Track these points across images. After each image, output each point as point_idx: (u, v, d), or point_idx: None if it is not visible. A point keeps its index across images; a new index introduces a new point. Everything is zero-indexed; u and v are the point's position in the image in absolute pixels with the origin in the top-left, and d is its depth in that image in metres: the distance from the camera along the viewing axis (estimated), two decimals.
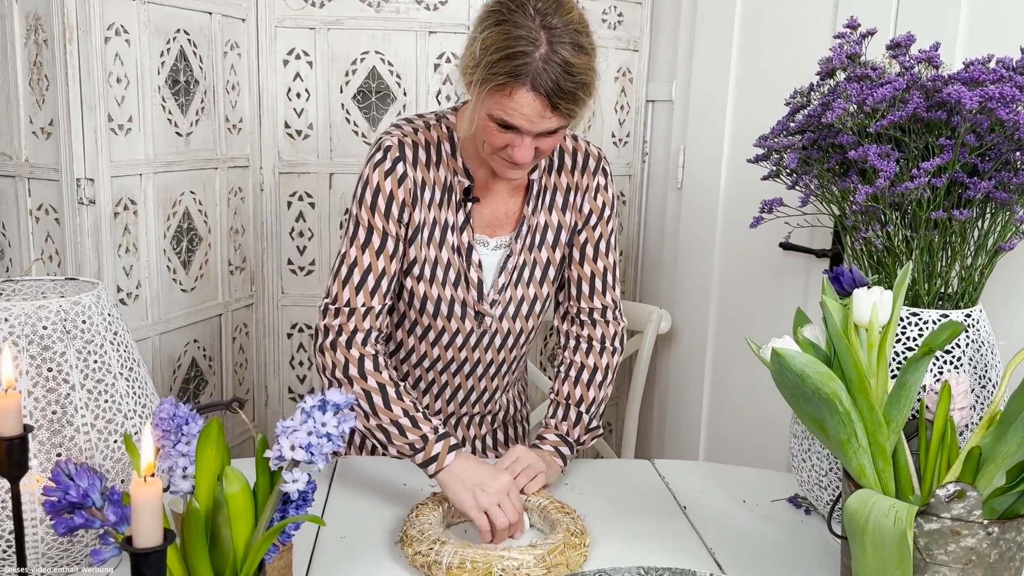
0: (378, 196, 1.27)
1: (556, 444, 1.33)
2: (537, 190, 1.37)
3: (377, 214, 1.27)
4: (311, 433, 0.77)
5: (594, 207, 1.40)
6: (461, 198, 1.32)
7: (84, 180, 1.55)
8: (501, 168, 1.25)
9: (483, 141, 1.22)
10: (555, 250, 1.39)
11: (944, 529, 0.85)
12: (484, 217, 1.35)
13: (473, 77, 1.17)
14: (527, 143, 1.18)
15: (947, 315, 1.07)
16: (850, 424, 0.89)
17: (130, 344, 1.06)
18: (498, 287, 1.37)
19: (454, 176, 1.32)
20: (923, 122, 1.07)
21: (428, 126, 1.32)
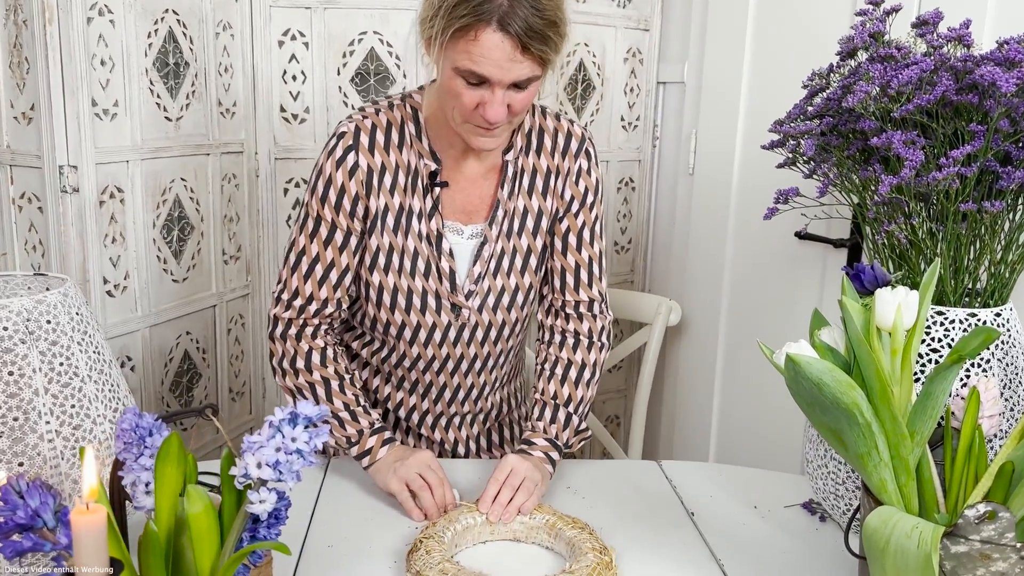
0: (329, 187, 1.22)
1: (546, 449, 1.26)
2: (513, 172, 1.27)
3: (327, 206, 1.22)
4: (279, 449, 0.71)
5: (576, 192, 1.30)
6: (427, 183, 1.24)
7: (67, 167, 1.49)
8: (473, 137, 1.16)
9: (452, 107, 1.14)
10: (536, 237, 1.30)
11: (973, 552, 0.78)
12: (456, 202, 1.27)
13: (433, 29, 1.09)
14: (499, 97, 1.10)
15: (975, 314, 1.00)
16: (871, 436, 0.82)
17: (101, 344, 1.00)
18: (473, 277, 1.28)
19: (419, 159, 1.24)
20: (952, 106, 0.99)
21: (391, 106, 1.25)
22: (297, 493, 1.23)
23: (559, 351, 1.33)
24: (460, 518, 1.12)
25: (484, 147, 1.18)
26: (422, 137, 1.23)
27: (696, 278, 2.20)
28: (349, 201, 1.21)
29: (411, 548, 1.06)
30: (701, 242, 2.17)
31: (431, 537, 1.07)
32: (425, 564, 1.01)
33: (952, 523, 0.78)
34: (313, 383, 1.24)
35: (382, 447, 1.21)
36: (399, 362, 1.34)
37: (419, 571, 1.01)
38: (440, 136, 1.24)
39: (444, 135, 1.23)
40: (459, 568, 1.00)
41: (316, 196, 1.22)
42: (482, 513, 1.13)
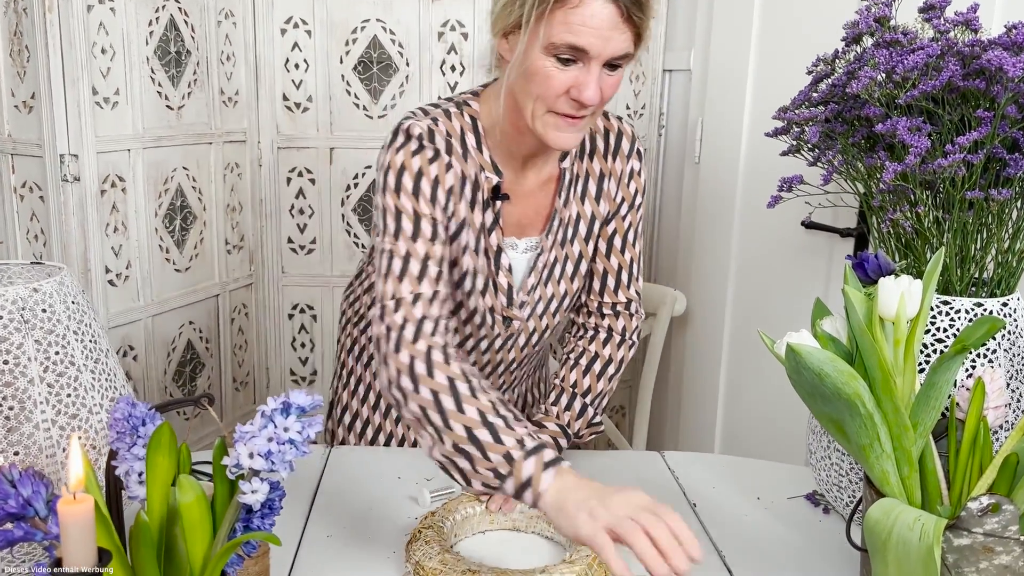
0: (421, 180, 1.09)
1: (555, 435, 1.25)
2: (569, 179, 1.22)
3: (423, 200, 1.09)
4: (272, 439, 0.70)
5: (626, 195, 1.26)
6: (489, 196, 1.17)
7: (68, 156, 1.48)
8: (554, 132, 1.08)
9: (535, 97, 1.06)
10: (587, 242, 1.26)
11: (976, 545, 0.77)
12: (512, 216, 1.21)
13: (524, 6, 1.02)
14: (595, 74, 1.03)
15: (981, 304, 0.98)
16: (873, 428, 0.81)
17: (97, 333, 0.99)
18: (527, 288, 1.24)
19: (480, 172, 1.16)
20: (959, 92, 0.97)
21: (448, 115, 1.15)
22: (297, 482, 1.23)
23: (588, 344, 1.31)
24: (459, 508, 1.11)
25: (565, 144, 1.10)
26: (482, 148, 1.17)
27: (702, 268, 2.18)
28: (444, 194, 1.11)
29: (410, 538, 1.05)
30: (707, 231, 2.15)
31: (430, 527, 1.07)
32: (424, 554, 1.01)
33: (955, 516, 0.76)
34: (437, 391, 0.98)
35: (544, 471, 0.92)
36: None
37: (418, 561, 1.00)
38: (500, 146, 1.17)
39: (504, 145, 1.17)
40: (458, 558, 1.00)
41: (406, 192, 1.09)
42: (482, 503, 1.13)
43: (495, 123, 1.16)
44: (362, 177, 1.96)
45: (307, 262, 2.00)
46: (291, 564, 1.03)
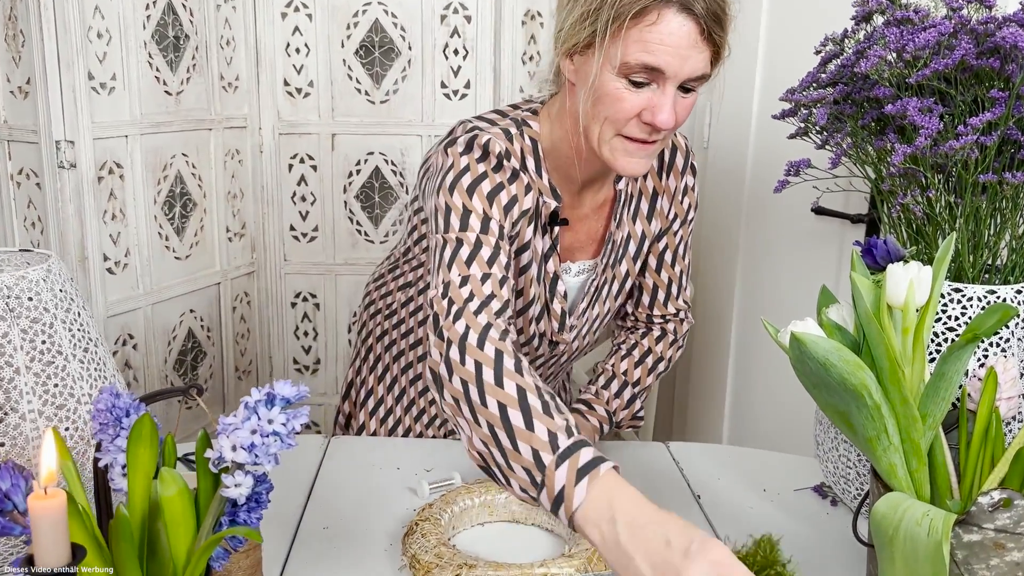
0: (500, 192, 1.03)
1: (601, 419, 1.22)
2: (623, 200, 1.18)
3: (496, 206, 1.03)
4: (255, 432, 0.68)
5: (679, 211, 1.23)
6: (547, 221, 1.12)
7: (64, 142, 1.46)
8: (623, 157, 1.02)
9: (604, 120, 1.00)
10: (635, 261, 1.23)
11: (986, 541, 0.74)
12: (565, 241, 1.18)
13: (598, 23, 0.96)
14: (670, 97, 0.97)
15: (995, 291, 0.95)
16: (880, 419, 0.78)
17: (86, 322, 0.97)
18: (578, 312, 1.21)
19: (540, 196, 1.11)
20: (972, 71, 0.93)
21: (510, 136, 1.09)
22: (294, 473, 1.21)
23: (640, 338, 1.29)
24: (458, 499, 1.09)
25: (635, 170, 1.03)
26: (542, 172, 1.11)
27: (709, 255, 2.15)
28: (519, 212, 1.06)
29: (407, 530, 1.03)
30: (715, 217, 2.12)
31: (427, 519, 1.05)
32: (420, 547, 0.99)
33: (965, 511, 0.74)
34: (482, 363, 0.87)
35: (578, 483, 0.77)
36: None
37: (414, 555, 0.98)
38: (558, 170, 1.12)
39: (563, 168, 1.12)
40: (454, 552, 0.98)
41: (479, 195, 1.03)
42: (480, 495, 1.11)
43: (555, 146, 1.10)
44: (364, 163, 1.93)
45: (309, 250, 1.98)
46: (285, 556, 1.02)
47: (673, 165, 1.21)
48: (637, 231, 1.21)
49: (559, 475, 0.78)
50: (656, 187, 1.20)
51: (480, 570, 0.93)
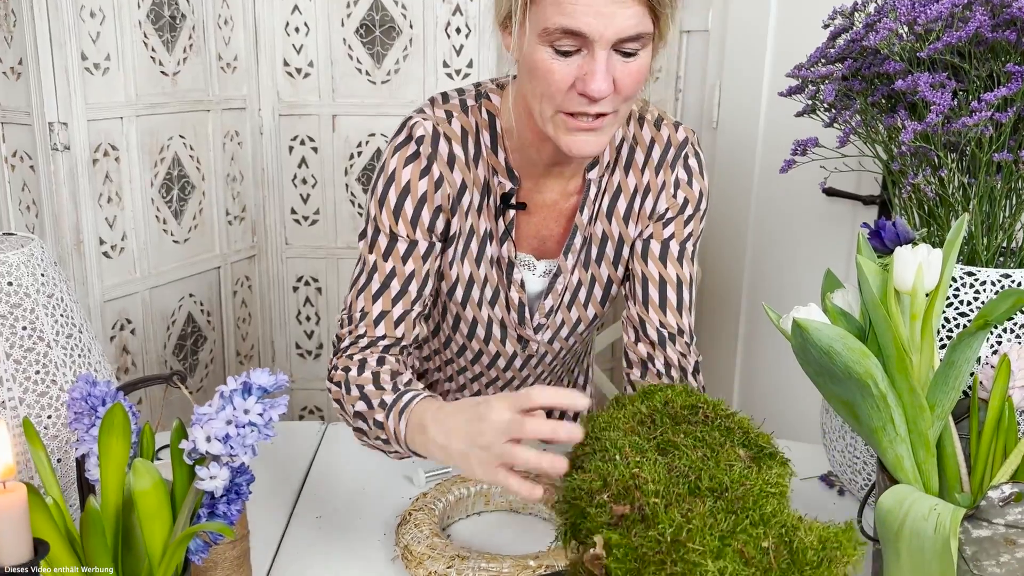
0: (406, 199, 1.02)
1: None
2: (596, 192, 1.08)
3: (402, 221, 1.03)
4: (230, 422, 0.65)
5: (672, 204, 1.09)
6: (499, 204, 1.06)
7: (57, 124, 1.44)
8: (567, 137, 0.94)
9: (540, 96, 0.93)
10: (616, 267, 1.12)
11: (996, 537, 0.71)
12: (531, 229, 1.10)
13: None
14: (601, 62, 0.88)
15: (1009, 275, 0.91)
16: (886, 409, 0.75)
17: (70, 307, 0.95)
18: (544, 310, 1.13)
19: (493, 175, 1.06)
20: (987, 44, 0.89)
21: (466, 108, 1.04)
22: (288, 461, 1.19)
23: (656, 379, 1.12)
24: (453, 488, 1.07)
25: (583, 150, 0.95)
26: (498, 150, 1.05)
27: (718, 237, 2.11)
28: (430, 214, 1.04)
29: (400, 520, 1.01)
30: (724, 199, 2.08)
31: (421, 509, 1.02)
32: (413, 538, 0.96)
33: (974, 505, 0.70)
34: (354, 406, 0.98)
35: (400, 420, 0.91)
36: (450, 377, 1.25)
37: (407, 545, 0.96)
38: (521, 148, 1.05)
39: (527, 148, 1.04)
40: (447, 543, 0.95)
41: (387, 209, 1.03)
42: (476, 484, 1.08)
43: (514, 125, 1.03)
44: (365, 145, 1.90)
45: (311, 233, 1.95)
46: (276, 548, 1.00)
47: (663, 160, 1.09)
48: (614, 232, 1.10)
49: (390, 424, 0.92)
50: (638, 184, 1.09)
51: (473, 561, 0.91)
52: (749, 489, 0.65)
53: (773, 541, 0.62)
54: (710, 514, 0.63)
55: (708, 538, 0.61)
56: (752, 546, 0.61)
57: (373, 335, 1.03)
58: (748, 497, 0.64)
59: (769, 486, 0.66)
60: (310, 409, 2.08)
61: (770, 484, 0.67)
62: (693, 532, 0.61)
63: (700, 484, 0.66)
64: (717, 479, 0.66)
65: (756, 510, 0.63)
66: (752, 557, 0.61)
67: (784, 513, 0.64)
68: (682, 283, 1.10)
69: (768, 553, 0.61)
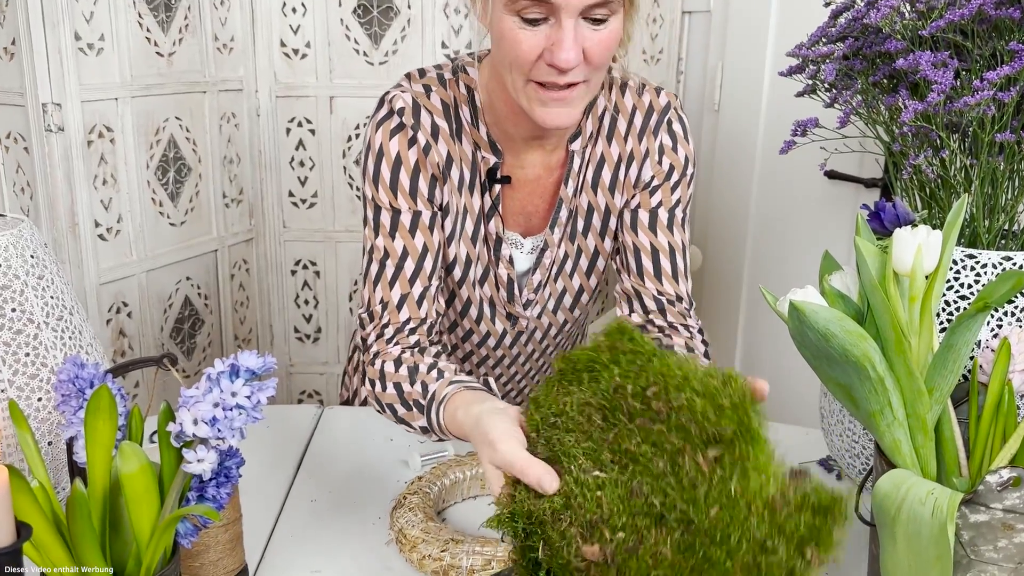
0: (399, 171, 1.00)
1: None
2: (580, 164, 1.07)
3: (401, 194, 1.00)
4: (217, 405, 0.65)
5: (657, 172, 1.08)
6: (485, 180, 1.05)
7: (51, 105, 1.43)
8: (539, 108, 0.93)
9: (510, 67, 0.91)
10: (604, 238, 1.11)
11: (994, 522, 0.70)
12: (516, 203, 1.08)
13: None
14: (569, 31, 0.86)
15: (1010, 258, 0.90)
16: (884, 393, 0.74)
17: (60, 289, 0.94)
18: (533, 285, 1.12)
19: (476, 150, 1.04)
20: (990, 22, 0.87)
21: (443, 82, 1.03)
22: (284, 444, 1.18)
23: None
24: (448, 472, 1.06)
25: (555, 121, 0.93)
26: (479, 124, 1.03)
27: (719, 221, 2.09)
28: (426, 183, 1.01)
29: (395, 504, 1.00)
30: (725, 182, 2.06)
31: (416, 493, 1.02)
32: (408, 522, 0.96)
33: (971, 490, 0.70)
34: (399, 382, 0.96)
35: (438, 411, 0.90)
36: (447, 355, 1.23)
37: (401, 529, 0.95)
38: (499, 122, 1.03)
39: (504, 122, 1.03)
40: (441, 527, 0.95)
41: (383, 184, 1.01)
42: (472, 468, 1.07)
43: (492, 97, 1.02)
44: (363, 127, 1.89)
45: (309, 216, 1.94)
46: (270, 531, 0.99)
47: (646, 127, 1.07)
48: (600, 203, 1.09)
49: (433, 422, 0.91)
50: (622, 153, 1.07)
51: (467, 545, 0.90)
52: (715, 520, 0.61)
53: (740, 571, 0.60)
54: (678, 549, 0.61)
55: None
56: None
57: (398, 321, 1.01)
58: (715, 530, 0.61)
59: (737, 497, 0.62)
60: (308, 393, 2.08)
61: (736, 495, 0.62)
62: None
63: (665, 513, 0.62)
64: (682, 509, 0.62)
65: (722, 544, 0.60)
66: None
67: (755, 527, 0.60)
68: (675, 250, 1.08)
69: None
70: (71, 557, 0.64)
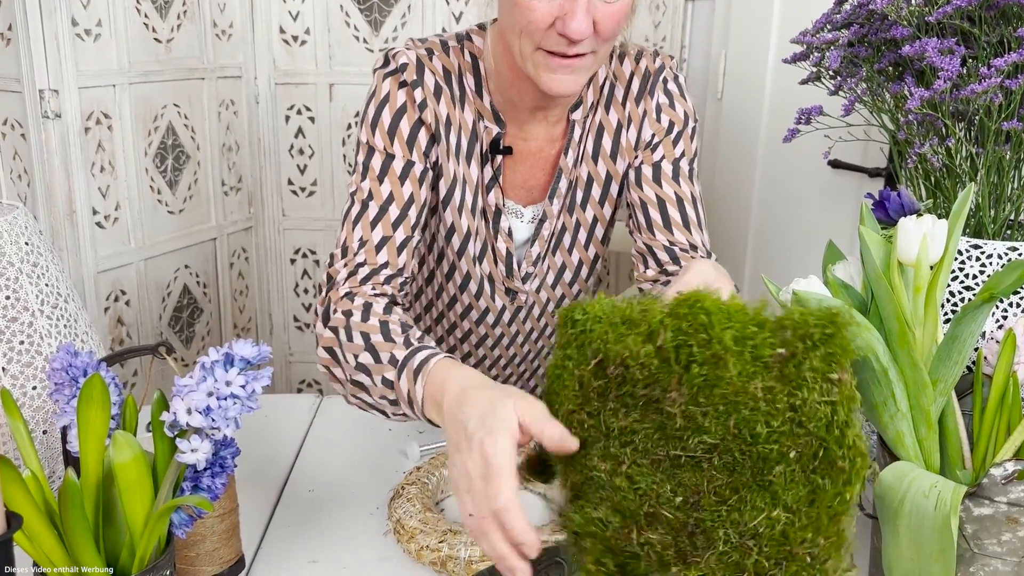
0: (401, 118, 0.99)
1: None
2: (580, 134, 1.07)
3: (398, 140, 0.99)
4: (212, 394, 0.64)
5: (657, 129, 1.07)
6: (487, 149, 1.04)
7: (48, 91, 1.41)
8: (546, 74, 0.93)
9: (519, 33, 0.92)
10: (603, 205, 1.10)
11: (998, 515, 0.69)
12: (517, 175, 1.07)
13: None
14: (583, 3, 0.87)
15: (1016, 248, 0.89)
16: (887, 384, 0.73)
17: (55, 276, 0.93)
18: (532, 258, 1.11)
19: (479, 119, 1.03)
20: (998, 9, 0.86)
21: (447, 48, 1.03)
22: (282, 434, 1.18)
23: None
24: (447, 463, 1.05)
25: (561, 89, 0.94)
26: (483, 93, 1.03)
27: (721, 211, 2.08)
28: (426, 137, 1.00)
29: (393, 494, 1.00)
30: (728, 171, 2.05)
31: (414, 483, 1.01)
32: (406, 512, 0.95)
33: (975, 482, 0.69)
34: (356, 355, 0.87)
35: (415, 383, 0.80)
36: (441, 339, 1.21)
37: (399, 519, 0.94)
38: (504, 91, 1.03)
39: (508, 90, 1.02)
40: (439, 517, 0.94)
41: (381, 129, 0.99)
42: None
43: (497, 65, 1.02)
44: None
45: (308, 205, 1.93)
46: (267, 521, 0.98)
47: (643, 90, 1.07)
48: (600, 172, 1.08)
49: (402, 384, 0.81)
50: (621, 119, 1.07)
51: (465, 536, 0.90)
52: (736, 427, 0.57)
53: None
54: (727, 472, 0.59)
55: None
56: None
57: (375, 262, 0.96)
58: (743, 435, 0.57)
59: (731, 395, 0.57)
60: (308, 382, 2.07)
61: (730, 391, 0.57)
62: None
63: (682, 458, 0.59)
64: (695, 444, 0.59)
65: (756, 443, 0.57)
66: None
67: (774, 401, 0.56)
68: (683, 200, 1.06)
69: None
70: (63, 547, 0.64)
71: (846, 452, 0.58)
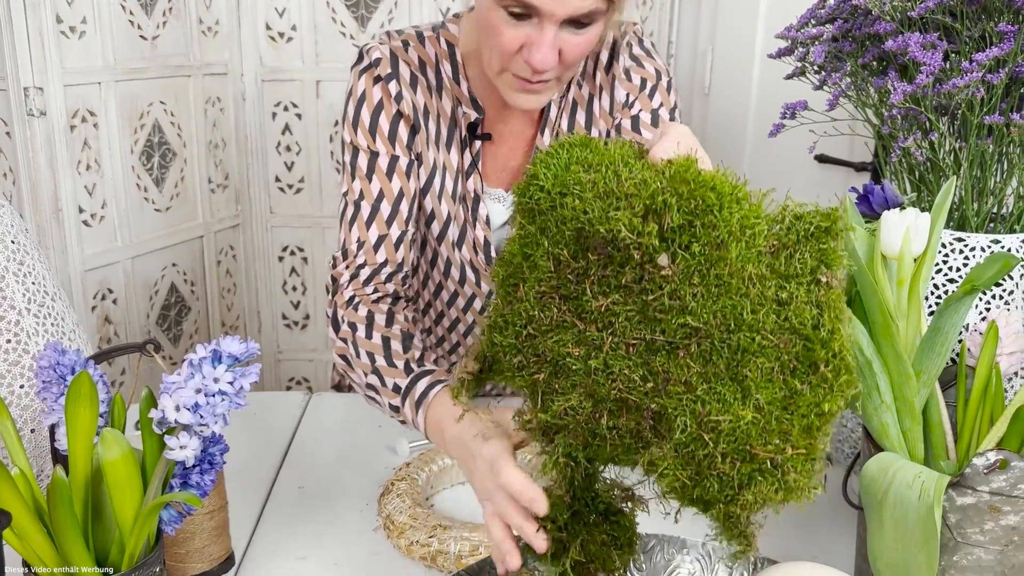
0: (379, 115, 1.01)
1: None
2: (555, 112, 1.07)
3: (379, 137, 1.01)
4: (200, 391, 0.64)
5: (630, 88, 1.07)
6: (465, 135, 1.05)
7: (33, 89, 1.41)
8: (511, 92, 0.95)
9: (489, 49, 0.93)
10: None
11: (981, 504, 0.70)
12: (497, 160, 1.08)
13: None
14: (548, 37, 0.88)
15: (999, 241, 0.90)
16: (871, 376, 0.74)
17: (41, 275, 0.93)
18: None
19: (457, 106, 1.05)
20: (979, 4, 0.87)
21: (422, 39, 1.04)
22: (271, 431, 1.18)
23: None
24: (436, 458, 1.06)
25: (525, 106, 0.97)
26: (460, 79, 1.04)
27: None
28: (406, 130, 1.02)
29: (383, 490, 1.00)
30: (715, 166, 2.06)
31: (404, 479, 1.01)
32: (395, 508, 0.95)
33: (959, 473, 0.69)
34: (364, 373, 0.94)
35: (417, 415, 0.88)
36: (428, 329, 1.22)
37: (389, 515, 0.95)
38: (481, 77, 1.04)
39: (484, 77, 1.03)
40: (429, 513, 0.94)
41: (362, 127, 1.01)
42: None
43: (474, 52, 1.02)
44: None
45: (295, 202, 1.92)
46: (256, 518, 0.98)
47: (611, 62, 1.07)
48: None
49: (406, 411, 0.89)
50: (591, 90, 1.08)
51: (455, 531, 0.90)
52: (721, 312, 0.56)
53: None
54: (703, 361, 0.57)
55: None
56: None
57: (375, 262, 1.00)
58: (729, 320, 0.56)
59: (725, 276, 0.56)
60: (297, 380, 2.07)
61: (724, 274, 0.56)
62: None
63: (670, 340, 0.57)
64: (681, 324, 0.57)
65: (740, 331, 0.55)
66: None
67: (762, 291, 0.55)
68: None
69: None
70: (53, 545, 0.64)
71: (831, 359, 0.56)
